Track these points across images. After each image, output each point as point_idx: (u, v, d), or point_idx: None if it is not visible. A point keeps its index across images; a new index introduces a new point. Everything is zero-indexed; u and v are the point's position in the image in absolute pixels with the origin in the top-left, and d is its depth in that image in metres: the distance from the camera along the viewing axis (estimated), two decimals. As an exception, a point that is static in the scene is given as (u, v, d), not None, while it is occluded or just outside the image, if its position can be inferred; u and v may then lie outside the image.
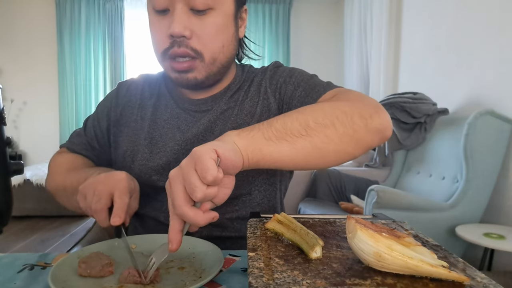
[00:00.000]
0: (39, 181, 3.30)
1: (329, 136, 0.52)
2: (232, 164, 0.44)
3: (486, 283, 0.33)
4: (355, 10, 3.81)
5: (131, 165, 0.76)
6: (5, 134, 0.61)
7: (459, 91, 2.38)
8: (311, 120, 0.52)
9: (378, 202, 1.80)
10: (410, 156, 2.58)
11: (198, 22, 0.66)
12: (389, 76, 3.22)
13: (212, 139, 0.72)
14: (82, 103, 4.41)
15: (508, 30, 1.98)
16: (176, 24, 0.64)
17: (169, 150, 0.74)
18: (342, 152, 0.54)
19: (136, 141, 0.77)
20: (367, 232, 0.36)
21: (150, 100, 0.80)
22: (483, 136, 1.90)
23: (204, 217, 0.43)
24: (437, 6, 2.63)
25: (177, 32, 0.64)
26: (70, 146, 0.84)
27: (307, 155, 0.52)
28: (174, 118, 0.77)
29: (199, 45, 0.67)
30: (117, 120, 0.81)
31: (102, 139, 0.83)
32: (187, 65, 0.67)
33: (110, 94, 0.85)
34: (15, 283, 0.51)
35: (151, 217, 0.75)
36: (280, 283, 0.32)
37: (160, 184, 0.74)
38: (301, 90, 0.72)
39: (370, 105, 0.58)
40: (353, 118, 0.54)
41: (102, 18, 4.36)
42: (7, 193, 0.63)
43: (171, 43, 0.66)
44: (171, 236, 0.44)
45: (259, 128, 0.50)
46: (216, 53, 0.69)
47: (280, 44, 4.52)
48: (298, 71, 0.78)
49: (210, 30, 0.67)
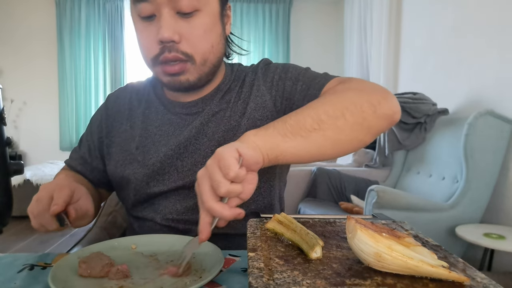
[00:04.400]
0: (39, 181, 3.30)
1: (341, 127, 0.55)
2: (254, 161, 0.48)
3: (486, 283, 0.33)
4: (355, 9, 3.81)
5: (123, 174, 0.76)
6: (5, 134, 0.61)
7: (459, 91, 2.38)
8: (322, 114, 0.55)
9: (378, 202, 1.81)
10: (410, 156, 2.58)
11: (186, 25, 0.65)
12: (389, 76, 3.22)
13: (205, 142, 0.73)
14: (82, 103, 4.41)
15: (508, 30, 1.98)
16: (165, 29, 0.63)
17: (163, 156, 0.73)
18: (355, 140, 0.58)
19: (128, 150, 0.77)
20: (367, 232, 0.36)
21: (139, 108, 0.80)
22: (483, 136, 1.90)
23: (230, 211, 0.45)
24: (437, 6, 2.63)
25: (167, 37, 0.63)
26: (68, 162, 0.85)
27: (321, 147, 0.55)
28: (165, 124, 0.76)
29: (189, 48, 0.66)
30: (109, 131, 0.81)
31: (95, 152, 0.83)
32: (178, 68, 0.67)
33: (101, 107, 0.86)
34: (15, 283, 0.51)
35: (148, 219, 0.76)
36: (280, 283, 0.32)
37: (156, 190, 0.74)
38: (301, 84, 0.73)
39: (377, 91, 0.61)
40: (362, 106, 0.56)
41: (102, 18, 4.36)
42: (7, 193, 0.63)
43: (161, 48, 0.66)
44: (201, 228, 0.47)
45: (274, 127, 0.53)
46: (207, 54, 0.69)
47: (280, 43, 4.52)
48: (292, 66, 0.78)
49: (199, 32, 0.66)
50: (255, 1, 4.48)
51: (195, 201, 0.73)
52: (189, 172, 0.73)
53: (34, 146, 4.42)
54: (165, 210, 0.74)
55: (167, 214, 0.73)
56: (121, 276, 0.50)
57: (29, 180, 3.29)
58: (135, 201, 0.77)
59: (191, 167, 0.73)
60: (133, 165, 0.75)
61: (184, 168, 0.73)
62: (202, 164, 0.71)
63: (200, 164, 0.73)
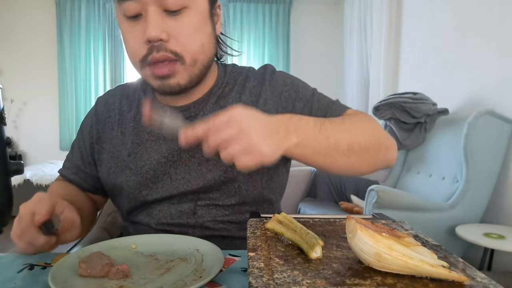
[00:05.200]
0: (39, 181, 3.30)
1: (362, 160, 0.62)
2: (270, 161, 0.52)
3: (486, 283, 0.33)
4: (355, 10, 3.81)
5: (116, 182, 0.74)
6: (5, 134, 0.61)
7: (459, 91, 2.37)
8: (356, 144, 0.60)
9: (378, 202, 1.80)
10: (410, 156, 2.58)
11: (174, 23, 0.63)
12: (389, 76, 3.22)
13: (200, 149, 0.70)
14: (82, 103, 4.41)
15: (508, 30, 1.97)
16: (152, 28, 0.60)
17: (156, 163, 0.72)
18: (359, 171, 0.64)
19: (119, 157, 0.74)
20: (367, 232, 0.36)
21: (130, 113, 0.77)
22: (483, 136, 1.90)
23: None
24: (437, 6, 2.63)
25: (154, 36, 0.61)
26: (61, 171, 0.83)
27: (336, 167, 0.61)
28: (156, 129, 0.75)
29: (178, 47, 0.63)
30: (99, 137, 0.78)
31: (88, 158, 0.80)
32: (167, 70, 0.64)
33: (90, 111, 0.83)
34: (15, 283, 0.51)
35: (143, 223, 0.75)
36: (280, 283, 0.32)
37: (150, 198, 0.72)
38: (316, 109, 0.73)
39: (388, 138, 0.67)
40: (380, 148, 0.63)
41: (102, 18, 4.36)
42: (7, 193, 0.63)
43: (149, 49, 0.63)
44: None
45: (317, 141, 0.57)
46: (197, 53, 0.66)
47: (280, 44, 4.52)
48: (301, 84, 0.77)
49: (188, 30, 0.63)
50: (255, 1, 4.48)
51: (189, 205, 0.72)
52: (183, 181, 0.71)
53: (34, 146, 4.41)
54: (159, 215, 0.73)
55: (162, 219, 0.72)
56: (121, 276, 0.50)
57: (29, 180, 3.29)
58: (130, 208, 0.76)
59: (185, 175, 0.71)
60: (125, 172, 0.73)
61: (178, 176, 0.71)
62: (196, 172, 0.71)
63: (194, 172, 0.71)
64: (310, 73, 4.33)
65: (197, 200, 0.72)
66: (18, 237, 0.58)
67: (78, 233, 0.65)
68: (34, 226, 0.57)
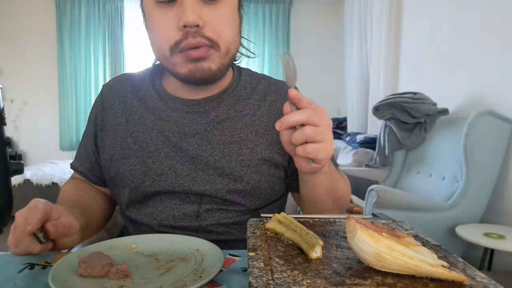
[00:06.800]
0: (39, 181, 3.29)
1: (338, 206, 0.74)
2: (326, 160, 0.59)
3: (486, 283, 0.33)
4: (355, 10, 3.82)
5: (119, 170, 0.73)
6: (5, 134, 0.61)
7: (459, 91, 2.37)
8: (342, 195, 0.73)
9: (378, 202, 1.80)
10: (410, 156, 2.58)
11: (210, 12, 0.63)
12: (389, 76, 3.22)
13: (208, 149, 0.71)
14: (82, 103, 4.41)
15: (508, 30, 1.97)
16: (189, 13, 0.60)
17: (164, 156, 0.71)
18: (324, 210, 0.73)
19: (124, 144, 0.74)
20: (367, 232, 0.36)
21: (135, 102, 0.77)
22: (483, 136, 1.90)
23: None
24: (437, 6, 2.63)
25: (192, 21, 0.60)
26: (72, 163, 0.83)
27: (318, 202, 0.71)
28: (163, 120, 0.73)
29: (214, 35, 0.64)
30: (103, 124, 0.78)
31: (92, 147, 0.79)
32: (203, 52, 0.64)
33: (97, 99, 0.82)
34: (15, 283, 0.51)
35: (144, 224, 0.73)
36: (280, 283, 0.32)
37: (151, 189, 0.71)
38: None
39: (349, 191, 0.80)
40: (346, 199, 0.77)
41: (102, 18, 4.36)
42: (7, 193, 0.63)
43: (184, 34, 0.62)
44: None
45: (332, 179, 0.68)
46: (230, 43, 0.67)
47: (280, 44, 4.53)
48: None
49: (223, 20, 0.65)
50: (255, 1, 4.48)
51: (192, 207, 0.71)
52: (188, 178, 0.71)
53: (34, 146, 4.41)
54: (161, 216, 0.72)
55: (164, 221, 0.71)
56: (121, 276, 0.50)
57: (29, 180, 3.29)
58: (129, 200, 0.74)
59: (190, 173, 0.71)
60: (130, 160, 0.72)
61: (183, 173, 0.71)
62: (202, 171, 0.71)
63: (201, 171, 0.71)
64: (310, 73, 4.33)
65: (201, 203, 0.72)
66: (14, 245, 0.58)
67: (78, 238, 0.64)
68: (27, 236, 0.56)
